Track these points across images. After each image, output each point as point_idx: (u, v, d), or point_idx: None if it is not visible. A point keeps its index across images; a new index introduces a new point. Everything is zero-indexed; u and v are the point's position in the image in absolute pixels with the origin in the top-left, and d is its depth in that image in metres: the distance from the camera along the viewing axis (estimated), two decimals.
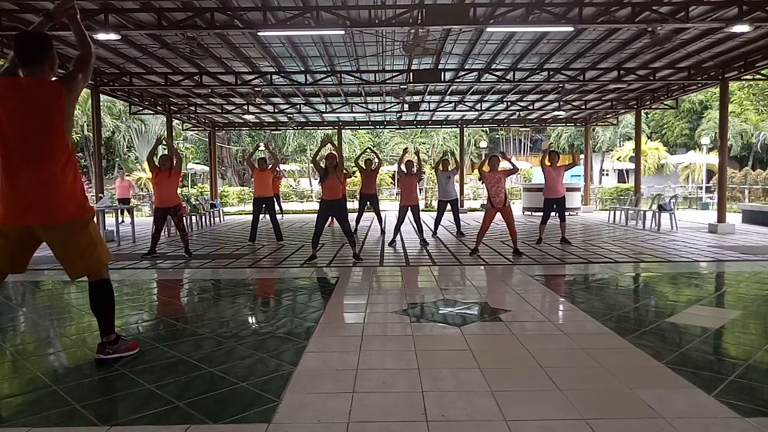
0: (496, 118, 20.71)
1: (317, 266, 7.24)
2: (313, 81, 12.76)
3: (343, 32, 8.76)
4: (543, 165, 9.27)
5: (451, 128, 27.60)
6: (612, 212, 14.42)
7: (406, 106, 16.71)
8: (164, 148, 9.98)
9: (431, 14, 7.84)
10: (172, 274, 6.99)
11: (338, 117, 19.68)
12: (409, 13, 8.08)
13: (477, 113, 19.24)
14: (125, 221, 12.87)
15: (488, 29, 8.56)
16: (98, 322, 3.29)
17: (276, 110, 17.57)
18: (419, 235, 9.57)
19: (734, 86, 26.34)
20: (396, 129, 27.89)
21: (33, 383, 3.03)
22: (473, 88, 14.67)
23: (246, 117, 19.13)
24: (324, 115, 18.99)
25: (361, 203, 11.58)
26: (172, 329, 4.20)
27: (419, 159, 9.91)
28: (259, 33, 8.75)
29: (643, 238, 10.06)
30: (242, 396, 2.78)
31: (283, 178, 23.43)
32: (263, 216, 10.44)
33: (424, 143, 38.59)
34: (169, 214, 8.31)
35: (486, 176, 7.87)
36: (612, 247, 8.80)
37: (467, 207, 20.22)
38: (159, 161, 8.13)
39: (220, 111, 17.56)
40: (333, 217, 8.14)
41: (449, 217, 11.82)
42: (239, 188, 29.23)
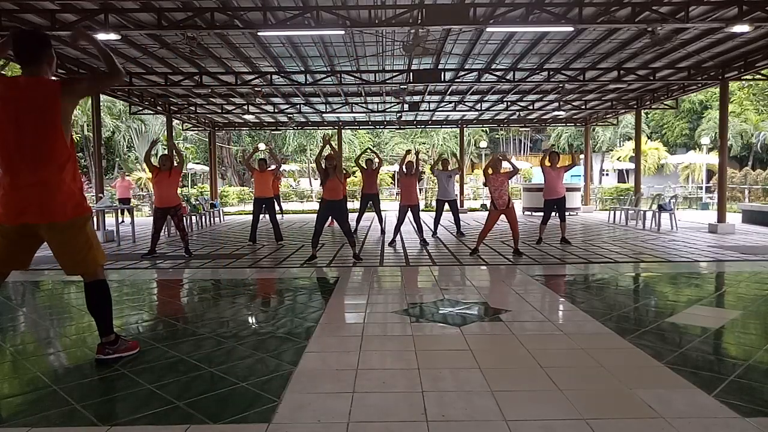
0: (496, 118, 20.72)
1: (317, 266, 7.24)
2: (313, 81, 12.77)
3: (343, 32, 8.76)
4: (543, 166, 9.26)
5: (451, 128, 27.60)
6: (612, 212, 14.41)
7: (406, 106, 16.71)
8: (164, 148, 9.99)
9: (431, 14, 7.85)
10: (172, 274, 6.99)
11: (338, 117, 19.68)
12: (409, 13, 8.08)
13: (477, 113, 19.24)
14: (125, 221, 12.88)
15: (488, 29, 8.57)
16: (96, 323, 3.28)
17: (276, 110, 17.57)
18: (419, 235, 9.58)
19: (734, 86, 26.34)
20: (396, 129, 27.89)
21: (33, 383, 3.03)
22: (473, 88, 14.67)
23: (246, 117, 19.13)
24: (324, 115, 18.99)
25: (363, 203, 11.60)
26: (172, 329, 4.20)
27: (419, 159, 9.92)
28: (259, 33, 8.76)
29: (643, 238, 10.06)
30: (242, 396, 2.78)
31: (283, 178, 23.44)
32: (263, 216, 10.45)
33: (424, 143, 38.57)
34: (169, 214, 8.32)
35: (489, 179, 7.89)
36: (612, 247, 8.80)
37: (467, 207, 20.23)
38: (159, 161, 8.18)
39: (220, 111, 17.56)
40: (333, 218, 8.15)
41: (449, 218, 11.82)
42: (239, 188, 29.23)
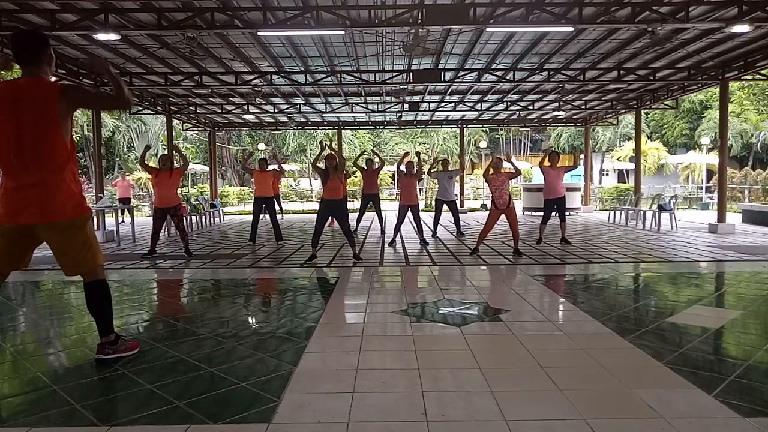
0: (496, 118, 20.71)
1: (317, 266, 7.24)
2: (313, 81, 12.76)
3: (343, 32, 8.76)
4: (542, 166, 9.26)
5: (451, 128, 27.60)
6: (612, 212, 14.41)
7: (406, 106, 16.70)
8: (164, 148, 10.03)
9: (431, 14, 7.85)
10: (172, 274, 6.99)
11: (338, 117, 19.68)
12: (409, 13, 8.08)
13: (477, 113, 19.24)
14: (125, 221, 12.88)
15: (488, 29, 8.57)
16: (96, 323, 3.28)
17: (276, 110, 17.57)
18: (419, 235, 9.58)
19: (734, 86, 26.34)
20: (396, 129, 27.89)
21: (33, 383, 3.03)
22: (473, 88, 14.67)
23: (246, 117, 19.13)
24: (324, 115, 18.99)
25: (363, 203, 11.61)
26: (172, 329, 4.20)
27: (419, 160, 9.93)
28: (259, 33, 8.75)
29: (643, 238, 10.06)
30: (242, 396, 2.78)
31: (283, 179, 23.44)
32: (263, 216, 10.45)
33: (424, 143, 38.56)
34: (169, 214, 8.33)
35: (490, 179, 7.90)
36: (612, 247, 8.80)
37: (467, 207, 20.23)
38: (159, 161, 8.26)
39: (220, 111, 17.56)
40: (333, 217, 8.15)
41: (449, 218, 11.82)
42: (239, 188, 29.23)
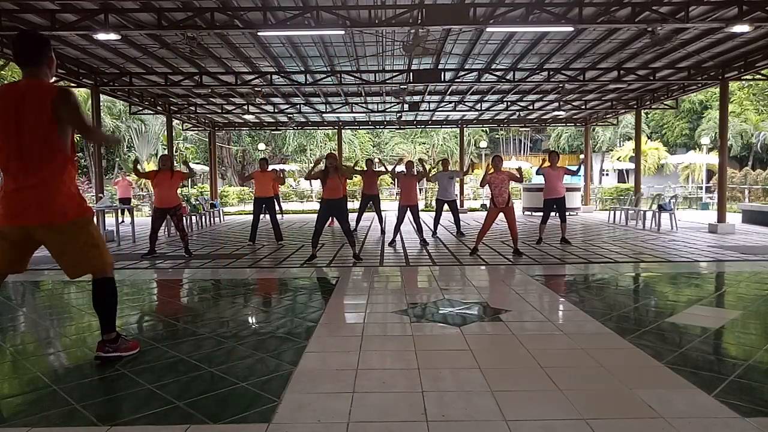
0: (496, 118, 20.72)
1: (317, 266, 7.24)
2: (313, 81, 12.77)
3: (343, 32, 8.76)
4: (542, 168, 9.26)
5: (451, 128, 27.60)
6: (612, 212, 14.42)
7: (406, 106, 16.70)
8: (164, 148, 10.08)
9: (431, 14, 7.85)
10: (172, 274, 6.99)
11: (338, 117, 19.68)
12: (409, 13, 8.08)
13: (477, 113, 19.24)
14: (125, 221, 12.88)
15: (488, 29, 8.57)
16: (99, 320, 3.29)
17: (276, 110, 17.57)
18: (419, 235, 9.58)
19: (734, 86, 26.33)
20: (396, 129, 27.89)
21: (33, 383, 3.03)
22: (473, 88, 14.67)
23: (246, 117, 19.13)
24: (324, 115, 18.99)
25: (363, 203, 11.60)
26: (172, 329, 4.19)
27: (425, 169, 10.02)
28: (259, 33, 8.76)
29: (643, 238, 10.06)
30: (242, 396, 2.78)
31: (284, 179, 23.45)
32: (263, 216, 10.45)
33: (424, 143, 38.57)
34: (169, 214, 8.34)
35: (490, 178, 7.87)
36: (612, 247, 8.80)
37: (467, 207, 20.23)
38: (159, 161, 8.35)
39: (220, 111, 17.56)
40: (333, 217, 8.15)
41: (449, 218, 11.82)
42: (239, 188, 29.22)
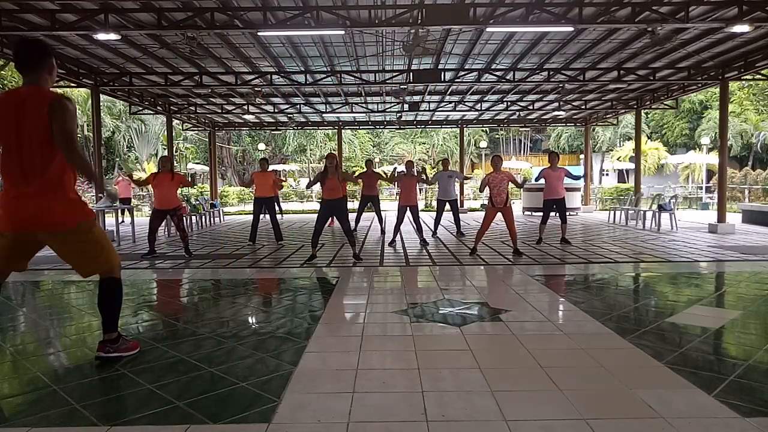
0: (496, 118, 20.71)
1: (317, 266, 7.24)
2: (313, 81, 12.76)
3: (343, 32, 8.76)
4: (543, 171, 9.31)
5: (451, 128, 27.60)
6: (612, 212, 14.41)
7: (406, 106, 16.70)
8: (164, 148, 10.11)
9: (431, 14, 7.84)
10: (172, 274, 6.99)
11: (338, 117, 19.68)
12: (409, 13, 8.08)
13: (477, 113, 19.23)
14: (125, 221, 12.88)
15: (488, 29, 8.56)
16: (102, 319, 3.29)
17: (276, 110, 17.57)
18: (419, 235, 9.58)
19: (734, 86, 26.34)
20: (396, 129, 27.88)
21: (33, 383, 3.03)
22: (473, 88, 14.67)
23: (246, 117, 19.13)
24: (324, 115, 18.99)
25: (362, 203, 11.60)
26: (172, 329, 4.20)
27: (427, 177, 10.06)
28: (259, 33, 8.75)
29: (643, 238, 10.06)
30: (242, 396, 2.78)
31: (283, 180, 23.49)
32: (263, 216, 10.45)
33: (424, 143, 38.58)
34: (169, 215, 8.35)
35: (489, 177, 7.90)
36: (612, 247, 8.80)
37: (467, 207, 20.22)
38: (159, 163, 8.39)
39: (220, 111, 17.56)
40: (333, 217, 8.16)
41: (449, 217, 11.82)
42: (239, 188, 29.22)
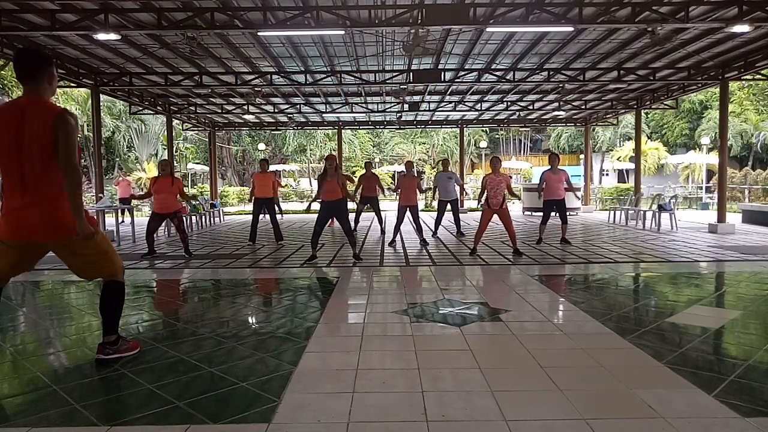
0: (496, 118, 20.72)
1: (317, 266, 7.24)
2: (313, 81, 12.76)
3: (343, 32, 8.76)
4: (543, 174, 9.30)
5: (451, 128, 27.59)
6: (612, 212, 14.42)
7: (406, 106, 16.70)
8: (164, 148, 10.11)
9: (431, 14, 7.84)
10: (172, 274, 6.99)
11: (338, 117, 19.68)
12: (409, 13, 8.08)
13: (477, 113, 19.24)
14: (125, 221, 12.88)
15: (488, 29, 8.57)
16: (102, 322, 3.30)
17: (276, 110, 17.57)
18: (419, 235, 9.58)
19: (734, 86, 26.32)
20: (396, 129, 27.89)
21: (33, 383, 3.03)
22: (473, 88, 14.67)
23: (246, 117, 19.13)
24: (324, 115, 19.00)
25: (361, 204, 11.57)
26: (172, 329, 4.20)
27: (420, 187, 10.06)
28: (259, 33, 8.75)
29: (643, 238, 10.06)
30: (242, 396, 2.78)
31: (282, 179, 23.52)
32: (263, 216, 10.46)
33: (424, 143, 38.56)
34: (168, 217, 8.36)
35: (487, 178, 7.94)
36: (612, 247, 8.80)
37: (467, 207, 20.21)
38: (159, 166, 8.40)
39: (220, 111, 17.56)
40: (333, 217, 8.16)
41: (449, 217, 11.82)
42: (239, 188, 29.22)
